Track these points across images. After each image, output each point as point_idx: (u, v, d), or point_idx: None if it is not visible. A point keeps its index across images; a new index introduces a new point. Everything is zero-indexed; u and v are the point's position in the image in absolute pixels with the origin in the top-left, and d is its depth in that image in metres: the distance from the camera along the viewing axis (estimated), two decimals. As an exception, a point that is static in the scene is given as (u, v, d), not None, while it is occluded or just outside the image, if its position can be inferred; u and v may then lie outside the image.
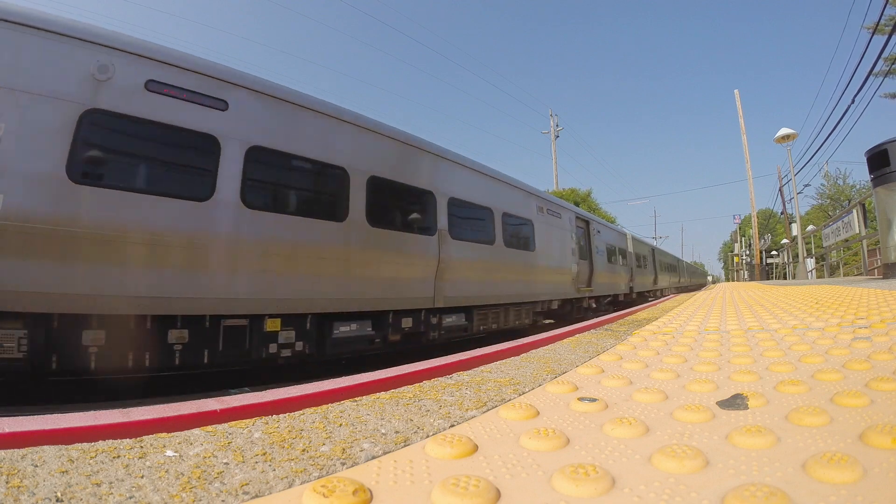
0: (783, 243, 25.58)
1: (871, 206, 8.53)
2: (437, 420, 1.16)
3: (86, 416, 1.05)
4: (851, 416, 1.00)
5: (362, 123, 5.10)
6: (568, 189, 30.32)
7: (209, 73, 3.85)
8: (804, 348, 1.91)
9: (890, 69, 15.06)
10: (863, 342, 1.94)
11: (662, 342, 2.40)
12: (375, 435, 1.03)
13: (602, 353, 2.15)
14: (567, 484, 0.73)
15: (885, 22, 13.29)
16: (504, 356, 2.17)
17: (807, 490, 0.68)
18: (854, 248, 14.66)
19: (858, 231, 9.67)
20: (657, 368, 1.66)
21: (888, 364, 1.48)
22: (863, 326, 2.43)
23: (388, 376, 1.63)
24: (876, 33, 12.86)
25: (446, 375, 1.75)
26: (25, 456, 0.83)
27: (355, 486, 0.72)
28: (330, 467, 0.85)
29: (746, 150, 23.17)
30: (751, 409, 1.12)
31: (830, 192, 34.93)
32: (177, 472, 0.80)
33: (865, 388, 1.21)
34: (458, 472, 0.79)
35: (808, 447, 0.85)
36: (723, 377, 1.49)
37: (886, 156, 7.33)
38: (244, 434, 1.02)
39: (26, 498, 0.69)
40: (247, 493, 0.74)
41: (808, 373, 1.46)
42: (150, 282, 3.38)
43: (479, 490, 0.70)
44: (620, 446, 0.92)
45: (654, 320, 3.80)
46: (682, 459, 0.79)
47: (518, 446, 0.94)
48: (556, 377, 1.64)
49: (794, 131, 16.59)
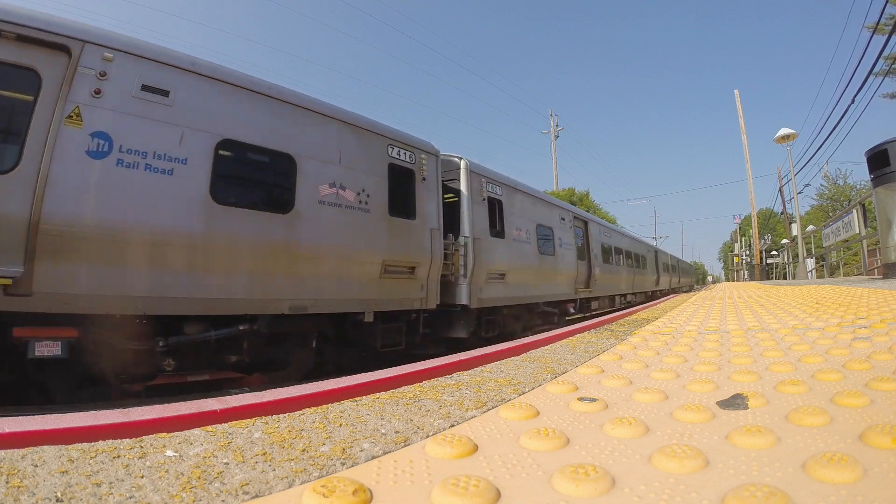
0: (783, 243, 25.58)
1: (871, 206, 8.53)
2: (437, 420, 1.16)
3: (86, 416, 1.05)
4: (851, 416, 1.00)
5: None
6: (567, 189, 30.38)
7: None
8: (804, 348, 1.91)
9: (890, 69, 15.06)
10: (863, 342, 1.94)
11: (662, 342, 2.40)
12: (375, 435, 1.03)
13: (602, 353, 2.15)
14: (567, 484, 0.73)
15: (885, 21, 13.29)
16: (504, 356, 2.17)
17: (807, 490, 0.68)
18: (854, 248, 14.66)
19: (858, 231, 9.68)
20: (657, 368, 1.66)
21: (888, 364, 1.48)
22: (863, 326, 2.43)
23: (388, 376, 1.63)
24: (876, 33, 12.86)
25: (446, 375, 1.75)
26: (25, 456, 0.83)
27: (355, 486, 0.72)
28: (330, 467, 0.85)
29: (746, 150, 23.21)
30: (751, 409, 1.12)
31: (830, 192, 34.94)
32: (177, 472, 0.80)
33: (865, 388, 1.21)
34: (458, 472, 0.79)
35: (808, 447, 0.85)
36: (723, 377, 1.49)
37: (886, 156, 7.34)
38: (244, 434, 1.02)
39: (26, 498, 0.69)
40: (247, 493, 0.74)
41: (808, 373, 1.46)
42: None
43: (479, 490, 0.70)
44: (620, 446, 0.92)
45: (654, 320, 3.80)
46: (682, 459, 0.79)
47: (518, 446, 0.94)
48: (556, 377, 1.64)
49: (794, 131, 16.60)
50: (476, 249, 6.38)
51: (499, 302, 7.01)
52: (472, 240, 6.35)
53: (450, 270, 6.07)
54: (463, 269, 6.19)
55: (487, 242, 6.71)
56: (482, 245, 6.56)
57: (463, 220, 6.37)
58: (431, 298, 5.70)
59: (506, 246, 7.20)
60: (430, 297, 5.69)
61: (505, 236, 7.22)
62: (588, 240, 11.06)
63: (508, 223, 7.36)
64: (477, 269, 6.37)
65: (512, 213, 7.53)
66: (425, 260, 5.56)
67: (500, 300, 7.02)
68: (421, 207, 5.61)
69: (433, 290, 5.73)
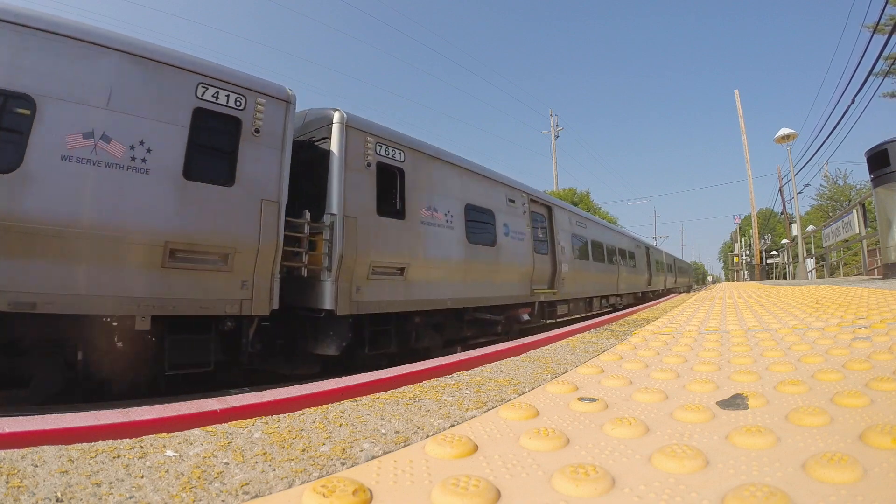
0: (783, 243, 25.59)
1: (871, 206, 8.54)
2: (437, 420, 1.16)
3: (86, 416, 1.05)
4: (851, 416, 1.00)
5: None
6: (568, 189, 30.43)
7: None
8: (804, 348, 1.91)
9: (890, 69, 15.06)
10: (863, 342, 1.94)
11: (662, 342, 2.40)
12: (375, 435, 1.03)
13: (602, 353, 2.15)
14: (567, 484, 0.73)
15: (885, 21, 13.29)
16: (504, 356, 2.17)
17: (807, 490, 0.68)
18: (854, 248, 14.67)
19: (858, 231, 9.68)
20: (657, 368, 1.66)
21: (888, 364, 1.48)
22: (863, 326, 2.43)
23: (388, 376, 1.63)
24: (876, 33, 12.86)
25: (446, 375, 1.75)
26: (25, 456, 0.83)
27: (355, 486, 0.72)
28: (330, 467, 0.85)
29: (746, 150, 23.20)
30: (751, 409, 1.12)
31: (830, 192, 34.96)
32: (177, 472, 0.80)
33: (865, 388, 1.21)
34: (458, 472, 0.79)
35: (808, 447, 0.85)
36: (723, 377, 1.49)
37: (886, 156, 7.34)
38: (244, 434, 1.02)
39: (26, 498, 0.69)
40: (247, 493, 0.74)
41: (808, 373, 1.46)
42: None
43: (479, 490, 0.70)
44: (620, 446, 0.92)
45: (654, 320, 3.80)
46: (682, 459, 0.79)
47: (518, 446, 0.94)
48: (556, 377, 1.64)
49: (794, 131, 16.60)
50: (349, 233, 4.67)
51: (391, 306, 5.20)
52: (341, 219, 4.61)
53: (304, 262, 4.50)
54: (327, 259, 4.54)
55: (372, 224, 4.98)
56: (363, 227, 4.84)
57: (331, 191, 4.68)
58: (261, 300, 4.07)
59: (406, 230, 5.43)
60: (259, 299, 4.06)
61: (406, 217, 5.44)
62: (553, 229, 9.03)
63: (414, 200, 5.60)
64: (349, 259, 4.65)
65: (420, 186, 5.74)
66: (247, 244, 3.96)
67: (393, 304, 5.22)
68: (246, 170, 4.05)
69: (264, 289, 4.09)
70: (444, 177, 6.22)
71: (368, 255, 4.90)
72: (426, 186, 5.86)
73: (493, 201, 7.23)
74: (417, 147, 5.84)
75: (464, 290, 6.33)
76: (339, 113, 4.88)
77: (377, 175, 5.18)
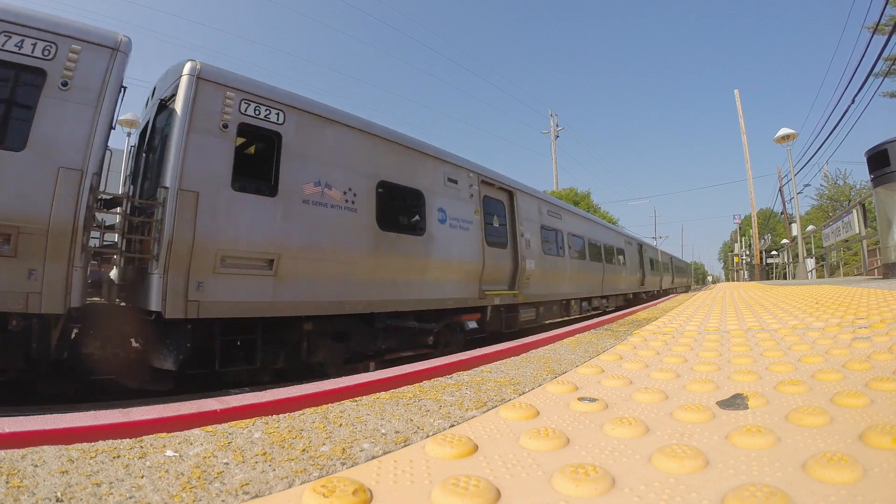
0: (783, 243, 25.59)
1: (871, 206, 8.54)
2: (437, 420, 1.16)
3: (86, 416, 1.05)
4: (851, 416, 1.00)
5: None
6: (569, 189, 30.47)
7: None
8: (804, 348, 1.91)
9: (890, 69, 15.07)
10: (863, 342, 1.94)
11: (662, 342, 2.40)
12: (375, 435, 1.03)
13: (602, 353, 2.15)
14: (567, 484, 0.73)
15: (885, 22, 13.30)
16: (504, 356, 2.17)
17: (807, 490, 0.68)
18: (854, 248, 14.67)
19: (858, 231, 9.68)
20: (657, 368, 1.66)
21: (888, 364, 1.48)
22: (863, 326, 2.43)
23: (388, 376, 1.63)
24: (876, 33, 12.87)
25: (446, 375, 1.75)
26: (25, 456, 0.83)
27: (355, 486, 0.72)
28: (330, 467, 0.85)
29: (746, 150, 23.22)
30: (751, 409, 1.12)
31: (830, 192, 34.98)
32: (177, 472, 0.80)
33: (865, 388, 1.21)
34: (458, 472, 0.79)
35: (808, 447, 0.85)
36: (723, 377, 1.49)
37: (886, 156, 7.34)
38: (244, 434, 1.02)
39: (26, 498, 0.69)
40: (247, 493, 0.74)
41: (808, 373, 1.46)
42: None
43: (479, 490, 0.70)
44: (620, 446, 0.92)
45: (654, 320, 3.80)
46: (682, 459, 0.79)
47: (518, 446, 0.94)
48: (556, 377, 1.64)
49: (794, 131, 16.61)
50: (184, 211, 3.64)
51: (255, 309, 4.05)
52: (175, 193, 3.62)
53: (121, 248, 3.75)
54: (156, 246, 3.58)
55: (224, 201, 3.89)
56: (208, 205, 3.77)
57: (167, 159, 3.70)
58: (54, 294, 3.24)
59: (279, 211, 4.26)
60: (52, 292, 3.24)
61: (279, 194, 4.28)
62: (514, 218, 7.53)
63: (294, 173, 4.41)
64: (182, 245, 3.61)
65: (306, 155, 4.55)
66: (34, 223, 3.17)
67: (257, 306, 4.06)
68: (42, 131, 3.26)
69: (58, 280, 3.26)
70: (343, 145, 4.94)
71: (216, 241, 3.79)
72: (315, 156, 4.63)
73: (423, 180, 5.89)
74: (304, 107, 4.63)
75: (373, 291, 5.02)
76: (191, 63, 3.89)
77: (238, 139, 4.15)
